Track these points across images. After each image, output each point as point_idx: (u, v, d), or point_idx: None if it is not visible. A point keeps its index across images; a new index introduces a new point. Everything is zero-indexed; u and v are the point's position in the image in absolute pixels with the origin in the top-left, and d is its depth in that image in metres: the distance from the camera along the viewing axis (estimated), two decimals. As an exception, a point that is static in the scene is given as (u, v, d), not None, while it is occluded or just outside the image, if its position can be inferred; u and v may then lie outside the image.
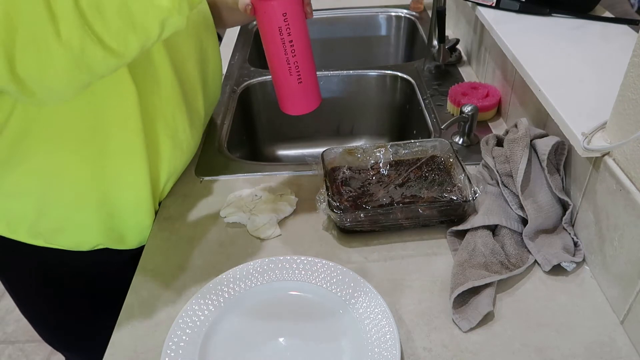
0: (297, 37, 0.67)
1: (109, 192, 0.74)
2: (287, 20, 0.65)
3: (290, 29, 0.66)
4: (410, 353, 0.61)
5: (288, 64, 0.68)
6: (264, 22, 0.66)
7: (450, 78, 1.16)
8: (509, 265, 0.69)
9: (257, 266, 0.70)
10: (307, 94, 0.73)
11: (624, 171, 0.61)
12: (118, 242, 0.81)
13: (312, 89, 0.73)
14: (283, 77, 0.70)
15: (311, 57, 0.71)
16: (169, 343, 0.62)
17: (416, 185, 0.80)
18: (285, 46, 0.67)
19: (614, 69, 0.75)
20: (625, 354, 0.60)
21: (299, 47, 0.68)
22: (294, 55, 0.68)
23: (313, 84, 0.73)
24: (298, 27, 0.67)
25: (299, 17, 0.67)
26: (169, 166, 0.79)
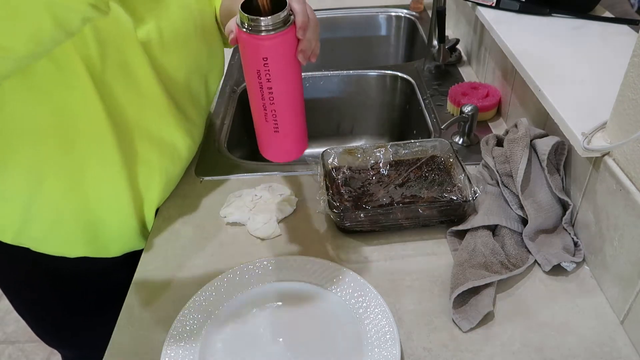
0: (279, 85, 0.58)
1: (89, 204, 0.73)
2: (268, 66, 0.56)
3: (270, 75, 0.57)
4: (410, 353, 0.61)
5: (264, 109, 0.60)
6: (243, 57, 0.58)
7: (450, 78, 1.16)
8: (509, 265, 0.69)
9: (257, 266, 0.70)
10: (284, 144, 0.64)
11: (624, 171, 0.61)
12: (102, 252, 0.80)
13: (291, 139, 0.64)
14: (258, 120, 0.62)
15: (296, 106, 0.62)
16: (169, 343, 0.62)
17: (416, 185, 0.80)
18: (262, 91, 0.58)
19: (614, 69, 0.75)
20: (625, 354, 0.60)
21: (279, 96, 0.59)
22: (272, 103, 0.59)
23: (293, 134, 0.63)
24: (282, 74, 0.57)
25: (286, 64, 0.57)
26: (160, 175, 0.78)
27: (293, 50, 0.57)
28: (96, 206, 0.74)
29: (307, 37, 0.56)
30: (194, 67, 0.80)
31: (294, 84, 0.60)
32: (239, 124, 1.15)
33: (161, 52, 0.71)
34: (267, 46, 0.55)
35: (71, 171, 0.70)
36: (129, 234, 0.79)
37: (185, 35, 0.75)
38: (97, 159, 0.70)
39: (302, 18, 0.55)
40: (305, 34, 0.55)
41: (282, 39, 0.55)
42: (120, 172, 0.72)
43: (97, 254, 0.80)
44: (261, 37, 0.54)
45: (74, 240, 0.77)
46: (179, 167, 0.83)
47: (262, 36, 0.54)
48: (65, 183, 0.71)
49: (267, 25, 0.54)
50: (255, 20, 0.53)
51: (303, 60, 0.57)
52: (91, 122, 0.67)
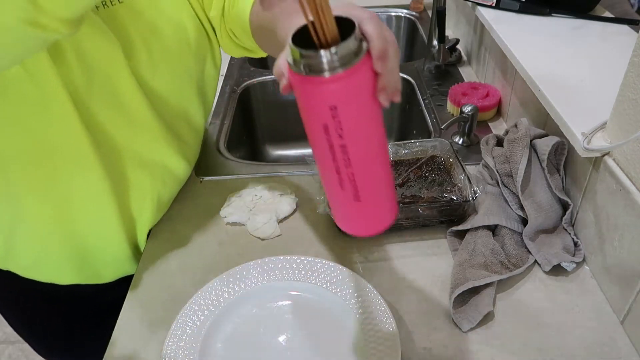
0: (356, 141, 0.42)
1: (77, 233, 0.71)
2: (338, 117, 0.40)
3: (342, 130, 0.41)
4: (410, 353, 0.61)
5: (338, 173, 0.44)
6: (302, 107, 0.42)
7: (450, 78, 1.16)
8: (509, 265, 0.69)
9: (257, 266, 0.70)
10: (370, 213, 0.49)
11: (624, 171, 0.61)
12: (95, 279, 0.78)
13: (378, 206, 0.48)
14: (331, 186, 0.46)
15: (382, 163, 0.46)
16: (169, 343, 0.62)
17: (416, 185, 0.80)
18: (333, 151, 0.42)
19: (614, 69, 0.75)
20: (625, 354, 0.60)
21: (358, 154, 0.42)
22: (349, 166, 0.43)
23: (381, 199, 0.48)
24: (358, 126, 0.41)
25: (363, 111, 0.41)
26: (152, 199, 0.75)
27: (371, 89, 0.40)
28: (85, 235, 0.72)
29: (388, 69, 0.40)
30: (189, 87, 0.76)
31: (376, 135, 0.43)
32: (239, 124, 1.15)
33: (152, 75, 0.68)
34: (334, 91, 0.39)
35: (56, 200, 0.67)
36: (121, 259, 0.77)
37: (178, 57, 0.71)
38: (84, 188, 0.67)
39: (379, 44, 0.39)
40: (385, 66, 0.40)
41: (356, 77, 0.39)
42: (109, 199, 0.69)
43: (89, 281, 0.78)
44: (325, 79, 0.38)
45: (64, 269, 0.75)
46: (172, 189, 0.81)
47: (326, 78, 0.38)
48: (51, 212, 0.68)
49: (332, 60, 0.38)
50: (312, 55, 0.37)
51: (385, 101, 0.41)
52: (74, 150, 0.64)
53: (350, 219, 0.50)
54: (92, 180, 0.67)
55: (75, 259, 0.74)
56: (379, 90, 0.40)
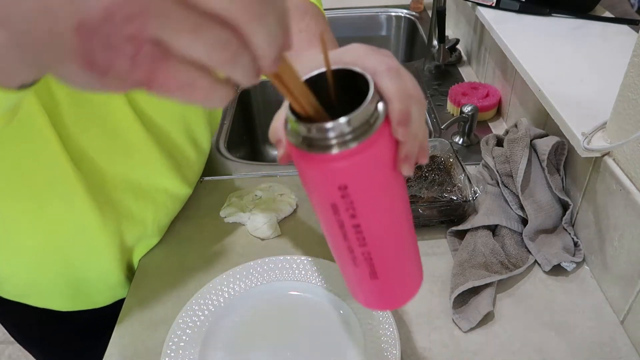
0: (371, 220, 0.35)
1: (69, 263, 0.69)
2: (349, 197, 0.33)
3: (355, 210, 0.34)
4: (410, 353, 0.61)
5: (351, 252, 0.37)
6: (307, 185, 0.35)
7: (450, 78, 1.16)
8: (509, 265, 0.69)
9: (257, 266, 0.70)
10: (388, 289, 0.42)
11: (624, 171, 0.61)
12: (89, 304, 0.76)
13: (398, 282, 0.42)
14: (343, 263, 0.40)
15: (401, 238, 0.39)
16: (169, 343, 0.61)
17: (416, 185, 0.80)
18: (345, 231, 0.35)
19: (614, 69, 0.75)
20: (625, 354, 0.60)
21: (373, 233, 0.36)
22: (363, 245, 0.36)
23: (402, 275, 0.42)
24: (373, 204, 0.34)
25: (379, 187, 0.34)
26: (151, 226, 0.73)
27: (389, 161, 0.33)
28: (77, 266, 0.69)
29: (412, 134, 0.32)
30: (193, 111, 0.73)
31: (397, 209, 0.37)
32: (239, 124, 1.15)
33: (152, 104, 0.64)
34: (343, 169, 0.31)
35: (47, 232, 0.64)
36: (117, 286, 0.75)
37: None
38: (74, 221, 0.64)
39: (400, 105, 0.31)
40: (408, 131, 0.32)
41: (370, 152, 0.31)
42: (102, 231, 0.66)
43: (84, 307, 0.76)
44: (331, 156, 0.30)
45: (57, 297, 0.73)
46: (172, 213, 0.78)
47: (333, 155, 0.30)
48: (42, 243, 0.65)
49: (341, 134, 0.30)
50: (317, 129, 0.30)
51: (409, 171, 0.34)
52: (62, 184, 0.61)
53: (367, 295, 0.43)
54: (82, 213, 0.63)
55: (69, 289, 0.72)
56: (401, 161, 0.33)
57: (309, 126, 0.30)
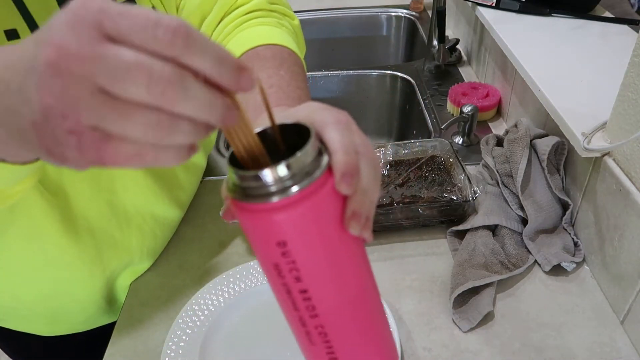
0: (320, 283, 0.31)
1: (43, 293, 0.66)
2: (291, 255, 0.30)
3: (299, 270, 0.30)
4: (410, 353, 0.61)
5: (303, 325, 0.33)
6: (251, 243, 0.32)
7: (450, 78, 1.16)
8: (509, 265, 0.69)
9: (257, 266, 0.70)
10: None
11: (624, 171, 0.61)
12: (71, 330, 0.74)
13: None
14: (299, 339, 0.35)
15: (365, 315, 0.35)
16: (169, 343, 0.61)
17: (416, 185, 0.80)
18: (292, 297, 0.32)
19: (614, 69, 0.75)
20: (625, 354, 0.60)
21: (325, 301, 0.32)
22: (315, 316, 0.32)
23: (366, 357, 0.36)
24: (320, 265, 0.31)
25: (325, 245, 0.30)
26: (140, 251, 0.70)
27: (334, 217, 0.30)
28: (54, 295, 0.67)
29: (360, 188, 0.31)
30: None
31: (353, 276, 0.33)
32: (239, 124, 1.15)
33: None
34: (281, 222, 0.29)
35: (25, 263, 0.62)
36: (97, 314, 0.73)
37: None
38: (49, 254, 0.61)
39: (344, 157, 0.30)
40: (353, 185, 0.30)
41: (309, 203, 0.29)
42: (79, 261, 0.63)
43: (66, 332, 0.74)
44: (267, 205, 0.28)
45: (35, 323, 0.72)
46: (160, 238, 0.74)
47: (270, 204, 0.28)
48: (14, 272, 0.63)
49: (278, 180, 0.28)
50: (251, 177, 0.28)
51: (357, 229, 0.31)
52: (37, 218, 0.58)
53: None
54: (54, 244, 0.61)
55: (47, 316, 0.70)
56: (348, 218, 0.30)
57: (244, 173, 0.28)
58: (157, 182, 0.67)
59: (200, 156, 0.76)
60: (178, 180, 0.72)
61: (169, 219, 0.74)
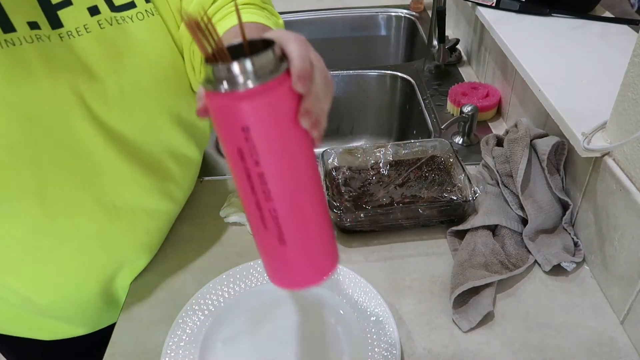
0: (274, 168, 0.37)
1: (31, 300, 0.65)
2: (252, 140, 0.35)
3: (258, 155, 0.36)
4: (410, 353, 0.61)
5: (259, 209, 0.39)
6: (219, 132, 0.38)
7: (450, 78, 1.16)
8: (509, 265, 0.69)
9: (257, 266, 0.70)
10: (297, 261, 0.42)
11: (624, 171, 0.61)
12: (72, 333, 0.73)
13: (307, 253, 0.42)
14: (254, 225, 0.41)
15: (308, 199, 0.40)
16: (169, 343, 0.62)
17: (416, 185, 0.80)
18: (251, 181, 0.37)
19: (614, 69, 0.75)
20: (625, 354, 0.60)
21: (277, 184, 0.37)
22: (269, 199, 0.38)
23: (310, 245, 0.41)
24: (276, 151, 0.37)
25: (282, 134, 0.36)
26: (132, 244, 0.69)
27: (290, 112, 0.36)
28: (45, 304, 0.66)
29: (313, 91, 0.37)
30: (169, 124, 0.67)
31: (303, 166, 0.38)
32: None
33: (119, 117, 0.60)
34: (246, 109, 0.35)
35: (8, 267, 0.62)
36: (96, 316, 0.72)
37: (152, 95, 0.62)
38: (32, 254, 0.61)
39: (300, 64, 0.36)
40: (307, 87, 0.36)
41: (270, 95, 0.35)
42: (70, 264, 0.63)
43: (66, 336, 0.74)
44: (235, 94, 0.34)
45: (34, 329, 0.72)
46: (154, 232, 0.72)
47: (237, 93, 0.34)
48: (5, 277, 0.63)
49: (244, 72, 0.34)
50: (222, 69, 0.34)
51: (308, 125, 0.37)
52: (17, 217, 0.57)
53: (277, 268, 0.43)
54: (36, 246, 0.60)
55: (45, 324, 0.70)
56: (301, 114, 0.36)
57: (216, 65, 0.34)
58: (146, 175, 0.66)
59: (194, 150, 0.75)
60: (170, 173, 0.71)
61: (162, 213, 0.72)
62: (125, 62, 0.59)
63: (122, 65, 0.59)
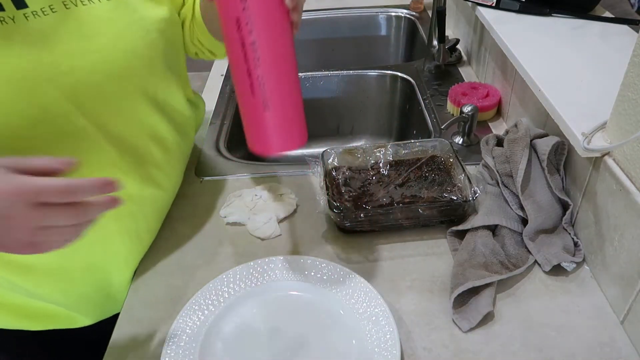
0: (264, 37, 0.47)
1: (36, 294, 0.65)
2: (248, 10, 0.46)
3: (252, 25, 0.46)
4: (410, 353, 0.61)
5: (249, 76, 0.48)
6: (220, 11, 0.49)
7: (450, 78, 1.16)
8: (509, 265, 0.69)
9: (257, 266, 0.70)
10: (278, 125, 0.51)
11: (624, 171, 0.61)
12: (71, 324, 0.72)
13: (285, 119, 0.51)
14: (243, 94, 0.50)
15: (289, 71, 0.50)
16: (169, 343, 0.62)
17: (416, 185, 0.80)
18: (245, 49, 0.47)
19: (614, 69, 0.75)
20: (625, 354, 0.60)
21: (266, 52, 0.47)
22: (258, 66, 0.48)
23: (287, 111, 0.51)
24: (266, 22, 0.48)
25: (271, 9, 0.48)
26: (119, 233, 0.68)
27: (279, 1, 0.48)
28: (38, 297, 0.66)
29: None
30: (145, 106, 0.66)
31: (283, 39, 0.48)
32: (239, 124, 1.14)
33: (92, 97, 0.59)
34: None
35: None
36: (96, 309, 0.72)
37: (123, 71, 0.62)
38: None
39: None
40: None
41: None
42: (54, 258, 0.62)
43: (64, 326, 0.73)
44: None
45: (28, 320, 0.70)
46: (141, 218, 0.71)
47: None
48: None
49: None
50: None
51: (291, 5, 0.48)
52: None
53: (258, 134, 0.53)
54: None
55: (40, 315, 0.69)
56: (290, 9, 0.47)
57: None
58: (122, 157, 0.65)
59: (174, 134, 0.73)
60: (152, 158, 0.69)
61: (146, 199, 0.71)
62: (93, 42, 0.58)
63: (90, 45, 0.58)
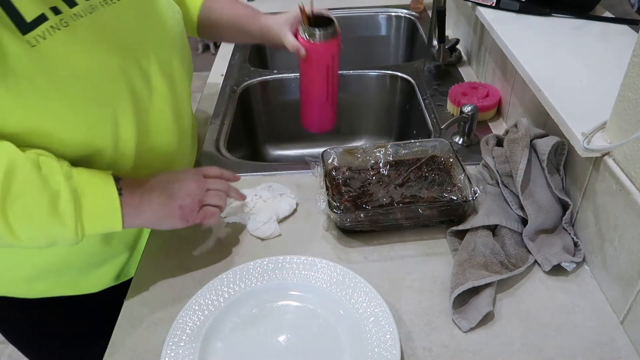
0: (336, 69, 0.89)
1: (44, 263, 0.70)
2: (335, 59, 0.87)
3: (334, 66, 0.88)
4: (410, 353, 0.61)
5: (327, 91, 0.90)
6: (313, 60, 0.86)
7: (450, 78, 1.16)
8: (509, 265, 0.69)
9: (257, 266, 0.70)
10: (331, 117, 0.96)
11: (624, 171, 0.61)
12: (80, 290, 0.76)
13: (332, 114, 0.96)
14: (320, 101, 0.92)
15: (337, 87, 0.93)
16: (169, 343, 0.62)
17: (416, 185, 0.80)
18: (328, 79, 0.88)
19: (614, 69, 0.75)
20: (625, 354, 0.60)
21: (335, 77, 0.90)
22: (332, 84, 0.90)
23: (335, 110, 0.96)
24: (337, 62, 0.89)
25: (338, 57, 0.88)
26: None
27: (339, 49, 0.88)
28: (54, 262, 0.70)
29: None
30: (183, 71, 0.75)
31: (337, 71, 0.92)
32: (239, 124, 1.15)
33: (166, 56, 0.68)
34: (335, 45, 0.86)
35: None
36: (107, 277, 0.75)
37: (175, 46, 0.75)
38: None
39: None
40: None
41: (338, 40, 0.86)
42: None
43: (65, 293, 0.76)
44: (330, 41, 0.84)
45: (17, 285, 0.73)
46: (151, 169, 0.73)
47: (332, 40, 0.85)
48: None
49: (334, 31, 0.84)
50: (327, 29, 0.83)
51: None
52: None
53: (318, 120, 0.97)
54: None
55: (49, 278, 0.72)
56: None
57: (324, 29, 0.84)
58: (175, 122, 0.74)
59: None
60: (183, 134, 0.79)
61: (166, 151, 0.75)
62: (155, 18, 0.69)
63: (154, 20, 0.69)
